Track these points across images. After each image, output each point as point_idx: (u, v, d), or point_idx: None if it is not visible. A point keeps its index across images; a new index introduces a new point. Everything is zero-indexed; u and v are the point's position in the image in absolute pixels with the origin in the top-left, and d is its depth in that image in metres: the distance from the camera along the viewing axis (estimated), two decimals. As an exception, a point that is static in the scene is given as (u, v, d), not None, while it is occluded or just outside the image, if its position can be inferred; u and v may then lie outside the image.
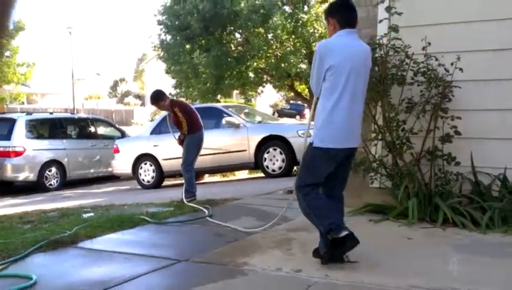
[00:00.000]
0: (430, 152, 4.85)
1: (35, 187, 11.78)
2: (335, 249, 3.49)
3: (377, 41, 4.89)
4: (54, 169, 12.13)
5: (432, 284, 3.11)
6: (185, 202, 6.63)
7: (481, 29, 4.77)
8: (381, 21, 5.06)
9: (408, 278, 3.24)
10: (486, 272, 3.36)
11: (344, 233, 3.39)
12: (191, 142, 7.09)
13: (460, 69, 4.59)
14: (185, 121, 6.98)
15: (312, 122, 3.69)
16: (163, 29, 19.20)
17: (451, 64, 4.63)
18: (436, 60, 4.69)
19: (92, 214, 6.25)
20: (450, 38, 4.84)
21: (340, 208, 3.70)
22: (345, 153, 3.56)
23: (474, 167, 4.78)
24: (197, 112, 7.30)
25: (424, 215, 4.67)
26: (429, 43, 4.65)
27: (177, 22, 18.37)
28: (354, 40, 3.54)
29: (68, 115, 15.76)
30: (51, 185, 12.04)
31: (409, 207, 4.64)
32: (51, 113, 14.61)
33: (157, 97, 7.14)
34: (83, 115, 18.60)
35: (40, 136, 12.56)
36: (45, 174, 11.93)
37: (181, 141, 7.15)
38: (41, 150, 12.06)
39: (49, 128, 12.86)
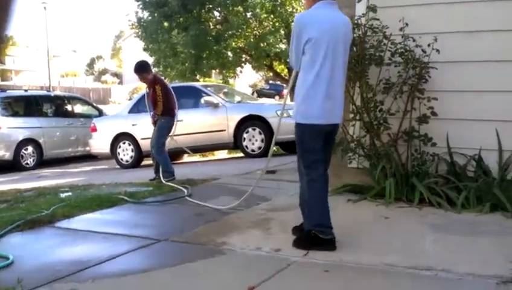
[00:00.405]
0: (407, 133, 4.90)
1: (11, 166, 11.60)
2: (311, 244, 3.46)
3: (355, 22, 4.89)
4: (30, 148, 11.96)
5: (408, 262, 3.17)
6: (164, 181, 6.61)
7: (458, 11, 4.80)
8: (359, 1, 5.06)
9: (385, 256, 3.30)
10: (461, 251, 3.42)
11: (328, 237, 3.42)
12: (164, 125, 7.00)
13: (437, 50, 4.63)
14: (162, 102, 6.87)
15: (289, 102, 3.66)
16: (141, 6, 18.88)
17: (428, 45, 4.66)
18: (414, 41, 4.72)
19: (69, 193, 6.20)
20: (427, 19, 4.87)
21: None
22: (328, 128, 3.49)
23: (450, 148, 4.86)
24: (174, 96, 7.21)
25: (401, 195, 4.74)
26: (407, 24, 4.67)
27: (154, -1, 18.09)
28: (333, 11, 3.46)
29: (44, 92, 15.50)
30: (27, 164, 11.88)
31: (386, 187, 4.70)
32: (26, 90, 14.33)
33: (142, 67, 7.03)
34: (59, 92, 18.30)
35: (15, 114, 12.34)
36: (21, 153, 11.76)
37: (154, 121, 7.07)
38: (16, 128, 11.86)
39: (24, 106, 12.65)
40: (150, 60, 20.20)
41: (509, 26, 4.60)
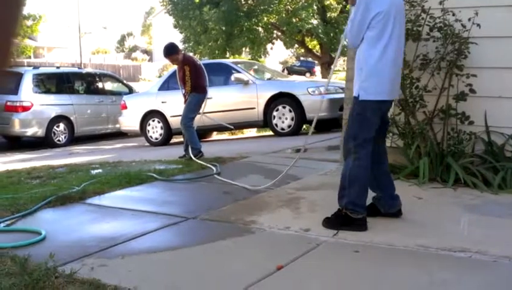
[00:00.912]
0: (444, 111, 4.74)
1: (43, 143, 11.80)
2: (341, 224, 3.41)
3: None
4: (62, 125, 12.11)
5: (442, 244, 3.07)
6: (193, 158, 6.59)
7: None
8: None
9: (417, 237, 3.21)
10: (496, 233, 3.31)
11: (359, 216, 3.39)
12: (194, 101, 7.00)
13: (478, 25, 4.43)
14: (190, 81, 6.86)
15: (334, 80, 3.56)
16: (171, -19, 18.81)
17: (469, 19, 4.47)
18: (453, 15, 4.53)
19: (100, 170, 6.25)
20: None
21: (386, 165, 3.68)
22: (389, 104, 3.56)
23: (488, 127, 4.68)
24: (206, 74, 7.17)
25: (435, 175, 4.60)
26: (446, -3, 4.49)
27: (185, -26, 17.98)
28: None
29: (75, 69, 15.62)
30: (59, 140, 12.05)
31: (420, 167, 4.57)
32: (58, 67, 14.49)
33: (171, 50, 6.99)
34: (90, 69, 18.47)
35: (47, 91, 12.49)
36: (53, 130, 11.93)
37: (186, 99, 7.06)
38: (48, 105, 12.01)
39: (56, 83, 12.77)
40: (180, 36, 20.16)
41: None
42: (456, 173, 4.44)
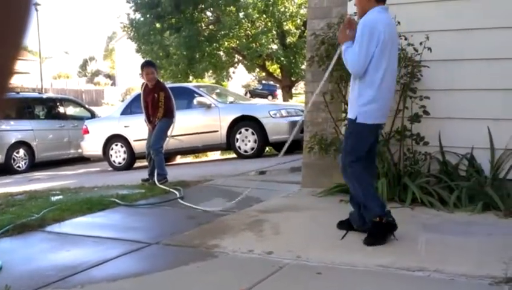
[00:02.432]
0: (399, 132, 4.89)
1: (2, 169, 11.49)
2: (387, 231, 3.62)
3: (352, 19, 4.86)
4: (21, 151, 11.87)
5: (401, 263, 3.15)
6: (158, 184, 6.56)
7: (449, 9, 4.79)
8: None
9: (378, 258, 3.28)
10: (454, 251, 3.41)
11: (390, 219, 3.61)
12: (165, 126, 7.01)
13: (429, 49, 4.61)
14: (164, 107, 6.88)
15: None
16: (133, 7, 18.82)
17: (420, 43, 4.65)
18: (406, 39, 4.70)
19: (60, 196, 6.14)
20: (419, 18, 4.85)
21: (375, 182, 4.02)
22: (383, 124, 3.84)
23: (442, 147, 4.85)
24: (173, 99, 7.20)
25: (394, 195, 4.72)
26: (399, 22, 4.64)
27: (146, 0, 18.02)
28: (388, 14, 3.67)
29: (36, 94, 15.38)
30: (18, 167, 11.79)
31: (379, 187, 4.67)
32: (18, 92, 14.22)
33: (153, 63, 7.51)
34: (51, 94, 18.20)
35: (6, 117, 12.22)
36: (13, 156, 11.67)
37: (153, 125, 7.03)
38: (8, 131, 11.76)
39: (16, 108, 12.53)
40: (142, 61, 20.13)
41: (500, 24, 4.60)
42: (413, 193, 4.57)
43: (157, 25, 18.21)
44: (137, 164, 10.68)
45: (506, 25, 4.58)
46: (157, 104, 6.90)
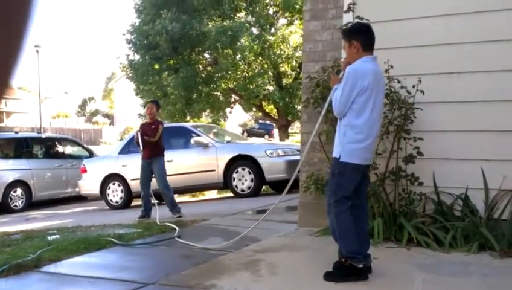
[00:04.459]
0: (394, 173, 4.95)
1: (-1, 208, 11.48)
2: (345, 275, 3.65)
3: (341, 64, 4.99)
4: (19, 190, 11.88)
5: (396, 303, 3.16)
6: (175, 216, 7.17)
7: (441, 53, 4.93)
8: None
9: (373, 298, 3.29)
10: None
11: (360, 265, 3.64)
12: (163, 164, 7.60)
13: (422, 92, 4.72)
14: (160, 139, 7.57)
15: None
16: (132, 49, 19.13)
17: (413, 86, 4.76)
18: (399, 82, 4.81)
19: (57, 236, 6.13)
20: (411, 61, 4.99)
21: (365, 223, 3.93)
22: (366, 167, 3.86)
23: (436, 187, 4.90)
24: None
25: (389, 235, 4.74)
26: (391, 66, 4.78)
27: (145, 42, 18.33)
28: (376, 64, 3.82)
29: (34, 134, 15.51)
30: (16, 206, 11.77)
31: (375, 227, 4.71)
32: (17, 132, 14.34)
33: (156, 104, 8.13)
34: (49, 134, 18.30)
35: (5, 156, 12.30)
36: (10, 195, 11.66)
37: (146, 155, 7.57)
38: (6, 170, 11.79)
39: (14, 148, 12.63)
40: (141, 101, 20.37)
41: (491, 67, 4.73)
42: (409, 233, 4.59)
43: (156, 66, 18.48)
44: (134, 203, 10.67)
45: (495, 68, 4.71)
46: (153, 133, 7.51)
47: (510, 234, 4.40)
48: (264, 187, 10.27)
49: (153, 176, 7.66)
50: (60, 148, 13.70)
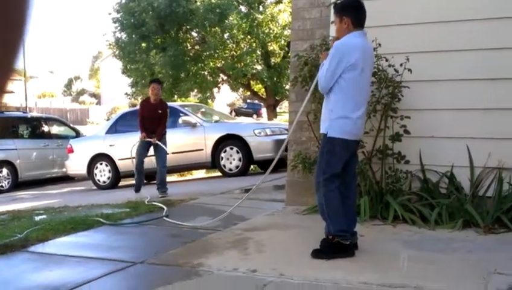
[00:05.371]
0: (381, 151, 4.98)
1: (-15, 189, 11.40)
2: (334, 252, 3.68)
3: (330, 42, 4.97)
4: (5, 170, 11.78)
5: (383, 280, 3.20)
6: (159, 196, 7.24)
7: (428, 31, 4.93)
8: (333, 22, 5.14)
9: (360, 274, 3.32)
10: (435, 268, 3.46)
11: (347, 242, 3.68)
12: (166, 143, 7.85)
13: (409, 70, 4.72)
14: (165, 125, 7.83)
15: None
16: (118, 27, 18.90)
17: (401, 65, 4.76)
18: (386, 60, 4.81)
19: (44, 216, 6.11)
20: (399, 40, 4.98)
21: (352, 201, 3.92)
22: (356, 142, 3.86)
23: (423, 165, 4.94)
24: None
25: (376, 212, 4.79)
26: (379, 44, 4.77)
27: (132, 20, 18.12)
28: (365, 40, 3.78)
29: (20, 114, 15.30)
30: (2, 186, 11.68)
31: (361, 205, 4.75)
32: (2, 112, 14.14)
33: (160, 83, 8.30)
34: (35, 114, 18.10)
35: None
36: (-5, 176, 11.57)
37: (149, 139, 7.69)
38: (-9, 150, 11.67)
39: (0, 128, 12.46)
40: (128, 80, 20.19)
41: (476, 46, 4.74)
42: (395, 210, 4.64)
43: (143, 44, 18.30)
44: (121, 183, 10.65)
45: (481, 46, 4.72)
46: (160, 120, 7.69)
47: (495, 210, 4.46)
48: (252, 166, 10.28)
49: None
50: (46, 128, 13.57)
